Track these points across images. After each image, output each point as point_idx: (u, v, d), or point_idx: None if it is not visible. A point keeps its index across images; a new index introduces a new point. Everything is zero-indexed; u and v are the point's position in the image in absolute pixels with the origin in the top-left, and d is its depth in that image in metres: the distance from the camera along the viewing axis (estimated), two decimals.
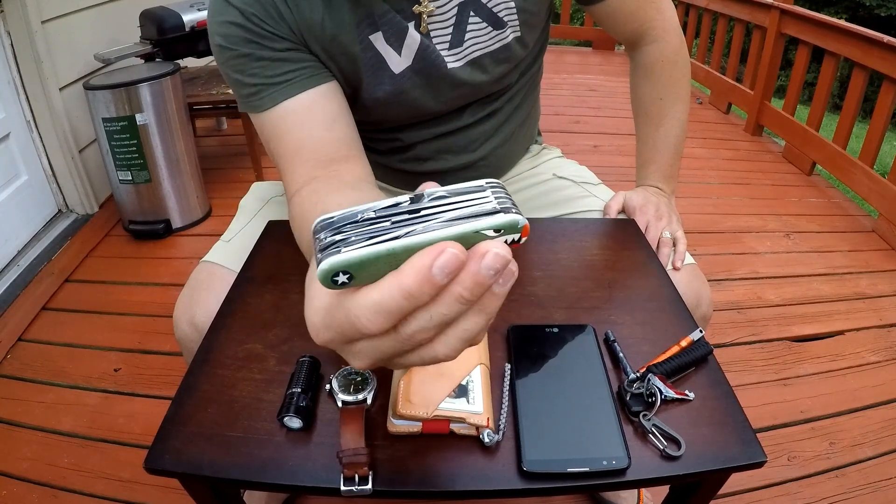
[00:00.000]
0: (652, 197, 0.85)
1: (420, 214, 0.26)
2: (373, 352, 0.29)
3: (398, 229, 0.26)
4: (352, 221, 0.27)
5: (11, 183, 1.85)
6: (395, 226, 0.26)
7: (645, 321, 0.62)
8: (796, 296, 1.78)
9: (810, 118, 2.63)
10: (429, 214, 0.26)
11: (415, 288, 0.24)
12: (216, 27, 0.62)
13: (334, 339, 0.29)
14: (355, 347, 0.29)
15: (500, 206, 0.26)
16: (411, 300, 0.25)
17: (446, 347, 0.28)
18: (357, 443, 0.45)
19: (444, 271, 0.24)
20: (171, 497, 1.12)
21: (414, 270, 0.24)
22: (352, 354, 0.30)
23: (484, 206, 0.26)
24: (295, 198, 0.63)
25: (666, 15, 0.81)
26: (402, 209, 0.27)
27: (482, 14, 0.68)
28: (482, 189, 0.27)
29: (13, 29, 1.78)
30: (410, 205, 0.27)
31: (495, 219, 0.26)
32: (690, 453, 0.47)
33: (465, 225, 0.25)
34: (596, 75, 3.96)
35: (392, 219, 0.26)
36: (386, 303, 0.25)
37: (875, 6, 7.90)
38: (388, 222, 0.26)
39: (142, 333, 1.58)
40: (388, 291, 0.25)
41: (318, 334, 0.30)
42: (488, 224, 0.26)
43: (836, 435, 1.30)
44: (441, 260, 0.24)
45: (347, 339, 0.29)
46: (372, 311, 0.26)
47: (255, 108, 0.65)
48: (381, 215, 0.26)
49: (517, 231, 0.26)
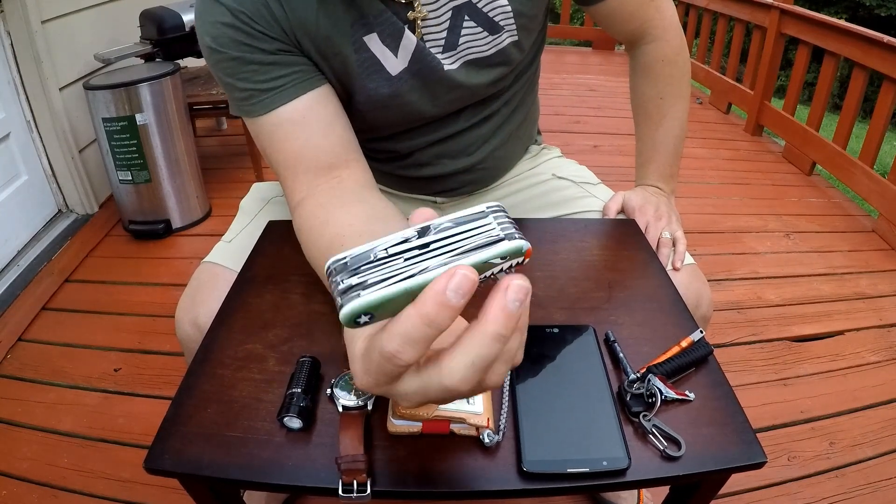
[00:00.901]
0: (651, 197, 0.85)
1: (429, 248, 0.28)
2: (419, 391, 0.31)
3: (411, 267, 0.28)
4: (366, 262, 0.28)
5: (11, 183, 1.85)
6: (407, 263, 0.28)
7: (645, 321, 0.62)
8: (796, 296, 1.78)
9: (810, 118, 2.63)
10: (438, 248, 0.28)
11: (433, 313, 0.26)
12: (205, 27, 0.60)
13: (379, 381, 0.31)
14: (402, 386, 0.31)
15: (503, 234, 0.28)
16: (433, 326, 0.27)
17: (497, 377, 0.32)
18: (356, 449, 0.45)
19: (457, 293, 0.26)
20: (171, 497, 1.12)
21: (430, 298, 0.26)
22: (401, 395, 0.32)
23: (489, 235, 0.28)
24: (299, 209, 0.62)
25: (666, 14, 0.80)
26: (411, 244, 0.28)
27: (478, 19, 0.67)
28: (484, 215, 0.29)
29: (13, 29, 1.78)
30: (418, 238, 0.28)
31: (501, 247, 0.28)
32: (690, 454, 0.47)
33: (474, 256, 0.28)
34: (596, 75, 3.96)
35: (404, 255, 0.28)
36: (411, 332, 0.27)
37: (875, 6, 7.90)
38: (400, 259, 0.28)
39: (142, 333, 1.58)
40: (411, 322, 0.27)
41: (361, 381, 0.32)
42: (495, 253, 0.28)
43: (836, 435, 1.30)
44: (453, 283, 0.26)
45: (389, 377, 0.31)
46: (401, 343, 0.28)
47: (248, 112, 0.63)
48: (393, 253, 0.28)
49: (521, 255, 0.29)
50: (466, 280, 0.26)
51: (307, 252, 0.60)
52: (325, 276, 0.53)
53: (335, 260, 0.29)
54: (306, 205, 0.61)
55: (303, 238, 0.61)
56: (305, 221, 0.60)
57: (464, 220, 0.29)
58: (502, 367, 0.31)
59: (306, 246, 0.60)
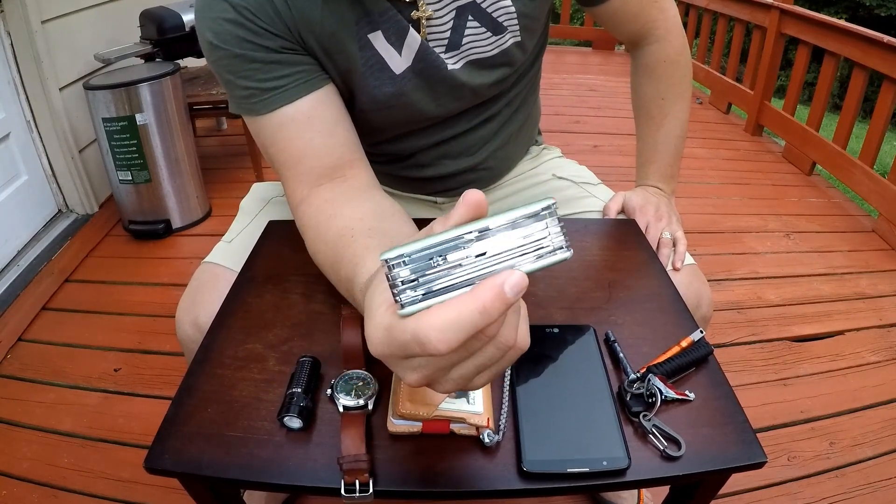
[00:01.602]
0: (652, 197, 0.85)
1: (487, 258, 0.30)
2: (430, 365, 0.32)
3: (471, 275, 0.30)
4: (427, 267, 0.30)
5: (11, 183, 1.85)
6: (466, 272, 0.30)
7: (645, 321, 0.62)
8: (796, 296, 1.78)
9: (810, 118, 2.63)
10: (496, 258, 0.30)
11: (489, 303, 0.28)
12: (206, 23, 0.59)
13: (394, 353, 0.32)
14: (414, 362, 0.32)
15: (555, 245, 0.31)
16: (485, 315, 0.28)
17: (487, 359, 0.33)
18: (358, 449, 0.45)
19: (513, 289, 0.28)
20: (171, 497, 1.12)
21: (489, 289, 0.28)
22: (409, 369, 0.33)
23: (541, 246, 0.31)
24: (303, 206, 0.62)
25: (669, 15, 0.80)
26: (470, 250, 0.30)
27: (482, 19, 0.67)
28: (540, 218, 0.31)
29: (13, 29, 1.78)
30: (477, 242, 0.30)
31: (550, 259, 0.31)
32: (690, 454, 0.47)
33: (528, 267, 0.31)
34: (596, 75, 3.96)
35: (462, 262, 0.30)
36: (462, 319, 0.28)
37: (875, 6, 7.89)
38: (460, 269, 0.30)
39: (142, 333, 1.58)
40: (466, 308, 0.28)
41: (376, 349, 0.33)
42: (546, 264, 0.31)
43: (836, 435, 1.30)
44: (512, 280, 0.28)
45: (407, 356, 0.32)
46: (442, 330, 0.29)
47: (249, 111, 0.63)
48: (453, 261, 0.30)
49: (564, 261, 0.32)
50: (523, 280, 0.29)
51: (312, 246, 0.60)
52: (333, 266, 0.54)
53: (396, 255, 0.30)
54: (311, 201, 0.61)
55: (308, 233, 0.60)
56: (311, 218, 0.60)
57: (521, 224, 0.31)
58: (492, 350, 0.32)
59: (312, 240, 0.60)
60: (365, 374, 0.52)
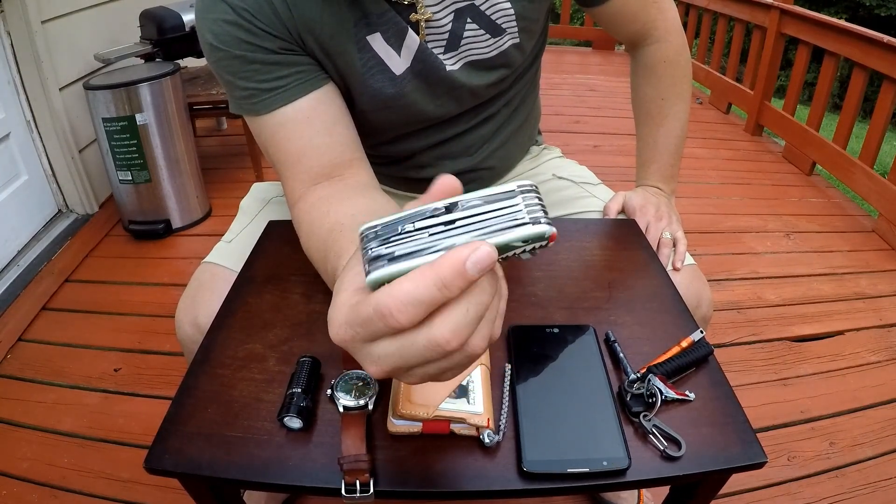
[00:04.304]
0: (652, 197, 0.85)
1: (455, 226, 0.28)
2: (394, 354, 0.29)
3: (437, 243, 0.28)
4: (394, 234, 0.29)
5: (11, 183, 1.85)
6: (433, 238, 0.28)
7: (645, 322, 0.62)
8: (796, 296, 1.78)
9: (810, 118, 2.63)
10: (463, 226, 0.28)
11: (448, 279, 0.26)
12: (206, 24, 0.59)
13: (356, 335, 0.30)
14: (377, 348, 0.30)
15: (529, 218, 0.28)
16: (444, 291, 0.26)
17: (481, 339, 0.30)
18: (358, 449, 0.45)
19: (477, 266, 0.26)
20: (171, 497, 1.12)
21: (449, 263, 0.26)
22: (371, 358, 0.30)
23: (515, 217, 0.28)
24: (300, 203, 0.62)
25: (668, 15, 0.81)
26: (438, 220, 0.29)
27: (480, 21, 0.67)
28: (513, 195, 0.29)
29: (13, 29, 1.78)
30: (446, 213, 0.29)
31: (524, 231, 0.28)
32: (691, 454, 0.47)
33: (497, 238, 0.28)
34: (596, 75, 3.96)
35: (430, 230, 0.28)
36: (419, 292, 0.27)
37: (875, 6, 7.90)
38: (426, 234, 0.28)
39: (142, 333, 1.58)
40: (423, 281, 0.27)
41: (337, 331, 0.30)
42: (518, 236, 0.28)
43: (836, 435, 1.30)
44: (476, 255, 0.26)
45: (370, 335, 0.29)
46: (403, 302, 0.27)
47: (249, 111, 0.63)
48: (420, 227, 0.28)
49: (544, 240, 0.29)
50: (488, 256, 0.26)
51: (306, 242, 0.60)
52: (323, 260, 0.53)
53: (368, 227, 0.29)
54: (307, 199, 0.61)
55: (303, 229, 0.60)
56: (307, 214, 0.60)
57: (493, 199, 0.29)
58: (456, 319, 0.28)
59: (306, 235, 0.60)
60: (365, 374, 0.52)
